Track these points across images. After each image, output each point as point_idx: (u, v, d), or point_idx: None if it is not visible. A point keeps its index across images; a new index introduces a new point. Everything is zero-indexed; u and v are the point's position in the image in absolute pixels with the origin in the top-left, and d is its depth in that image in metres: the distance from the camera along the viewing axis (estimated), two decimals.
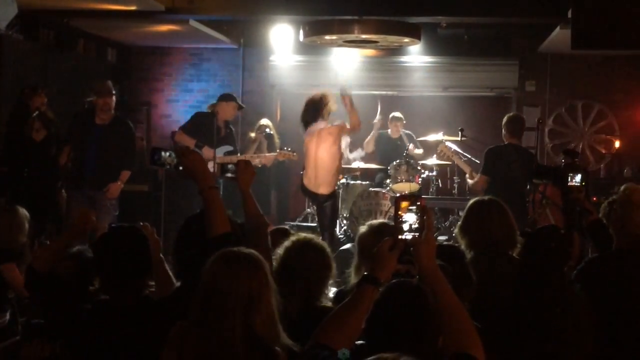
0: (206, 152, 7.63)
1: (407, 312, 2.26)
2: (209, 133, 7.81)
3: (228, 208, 3.22)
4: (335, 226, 8.17)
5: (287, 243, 3.41)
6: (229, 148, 8.00)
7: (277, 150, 8.31)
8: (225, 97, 8.13)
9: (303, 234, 3.50)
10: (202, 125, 7.99)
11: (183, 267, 3.12)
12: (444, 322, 2.28)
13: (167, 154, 3.11)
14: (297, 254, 3.34)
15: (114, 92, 7.46)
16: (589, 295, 3.51)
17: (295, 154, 8.10)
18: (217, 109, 7.92)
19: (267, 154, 8.35)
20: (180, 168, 3.08)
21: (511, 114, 7.66)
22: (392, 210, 2.31)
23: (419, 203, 2.38)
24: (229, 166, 3.49)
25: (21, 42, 8.47)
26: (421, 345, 2.22)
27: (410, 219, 2.37)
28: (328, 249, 3.45)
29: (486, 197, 4.27)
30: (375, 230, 3.59)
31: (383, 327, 2.26)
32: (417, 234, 2.36)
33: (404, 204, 2.39)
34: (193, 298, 2.60)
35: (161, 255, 3.53)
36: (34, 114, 7.09)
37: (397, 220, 2.38)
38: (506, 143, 7.13)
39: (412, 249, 2.37)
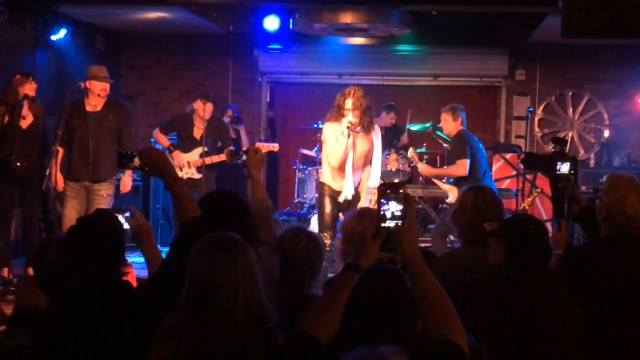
0: (176, 157, 7.66)
1: (384, 296, 2.25)
2: (184, 134, 7.81)
3: None
4: None
5: (280, 230, 3.42)
6: (199, 150, 7.70)
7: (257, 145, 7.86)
8: (195, 96, 8.02)
9: (297, 223, 3.52)
10: (175, 125, 7.94)
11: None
12: (427, 309, 2.28)
13: (132, 156, 3.19)
14: (291, 242, 3.34)
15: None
16: (576, 283, 3.52)
17: (276, 144, 7.57)
18: (195, 108, 7.85)
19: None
20: (146, 168, 3.15)
21: None
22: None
23: (401, 191, 2.37)
24: (240, 153, 3.82)
25: (8, 29, 8.40)
26: (398, 329, 2.21)
27: (393, 207, 2.37)
28: (321, 239, 3.45)
29: (480, 185, 4.21)
30: (358, 215, 3.59)
31: (360, 311, 2.25)
32: (400, 222, 2.36)
33: (387, 191, 2.38)
34: (182, 289, 2.56)
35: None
36: (22, 100, 7.03)
37: (380, 208, 2.38)
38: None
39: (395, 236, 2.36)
